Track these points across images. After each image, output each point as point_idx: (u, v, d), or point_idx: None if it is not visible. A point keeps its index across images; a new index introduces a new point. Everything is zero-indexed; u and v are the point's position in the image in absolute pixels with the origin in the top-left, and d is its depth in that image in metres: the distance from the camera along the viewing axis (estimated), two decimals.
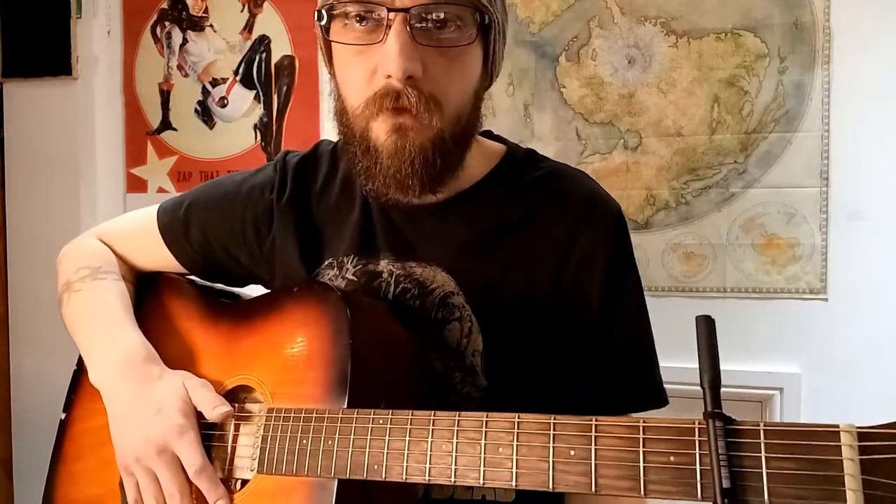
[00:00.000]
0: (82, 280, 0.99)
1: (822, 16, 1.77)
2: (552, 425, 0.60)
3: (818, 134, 1.78)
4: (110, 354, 0.90)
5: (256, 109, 2.19)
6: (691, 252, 1.87)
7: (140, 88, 2.27)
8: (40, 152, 2.23)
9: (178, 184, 2.24)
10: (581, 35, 1.94)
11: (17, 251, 2.27)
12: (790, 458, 0.50)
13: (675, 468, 0.54)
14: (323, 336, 0.80)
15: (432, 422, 0.68)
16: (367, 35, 0.76)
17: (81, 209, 2.22)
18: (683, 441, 0.54)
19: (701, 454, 0.53)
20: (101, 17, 2.25)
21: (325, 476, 0.73)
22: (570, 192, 0.89)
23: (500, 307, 0.85)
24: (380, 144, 0.78)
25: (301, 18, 2.14)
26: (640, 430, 0.56)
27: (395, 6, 0.74)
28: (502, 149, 0.93)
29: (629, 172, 1.91)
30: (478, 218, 0.87)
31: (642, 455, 0.55)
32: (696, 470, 0.53)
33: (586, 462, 0.58)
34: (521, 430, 0.62)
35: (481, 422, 0.64)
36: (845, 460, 0.48)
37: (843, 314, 1.80)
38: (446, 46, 0.76)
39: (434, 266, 0.86)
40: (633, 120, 1.91)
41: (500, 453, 0.62)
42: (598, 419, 0.59)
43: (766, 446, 0.51)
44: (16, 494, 2.25)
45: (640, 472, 0.55)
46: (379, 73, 0.76)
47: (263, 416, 0.81)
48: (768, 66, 1.81)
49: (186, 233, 0.98)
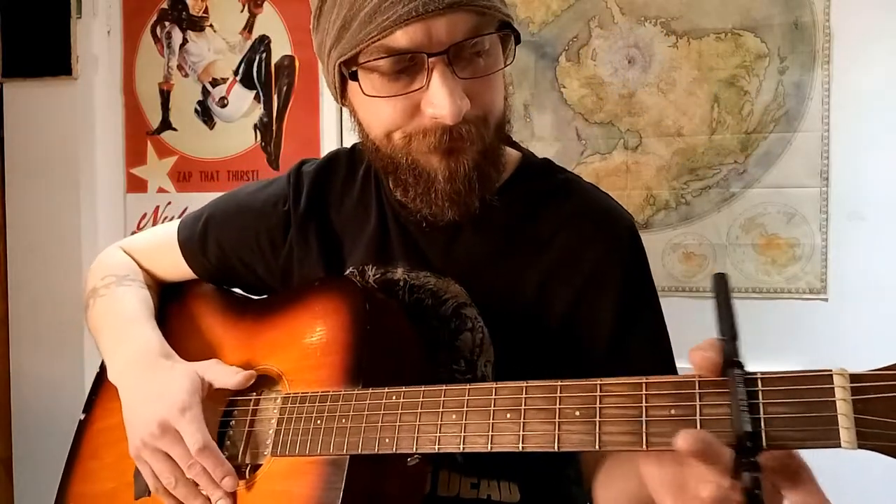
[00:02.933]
0: (107, 287, 1.01)
1: (822, 16, 1.77)
2: (558, 388, 0.63)
3: (818, 134, 1.78)
4: (126, 352, 0.92)
5: (256, 109, 2.19)
6: (691, 252, 1.87)
7: (140, 88, 2.27)
8: (40, 152, 2.23)
9: (177, 184, 2.24)
10: (581, 35, 1.94)
11: (17, 251, 2.27)
12: (788, 403, 0.53)
13: (675, 420, 0.56)
14: (341, 325, 0.81)
15: (444, 392, 0.69)
16: (405, 84, 0.75)
17: (81, 209, 2.22)
18: (684, 394, 0.57)
19: (701, 405, 0.56)
20: (101, 17, 2.24)
21: (337, 453, 0.74)
22: (585, 208, 0.89)
23: (512, 319, 0.85)
24: (432, 170, 0.78)
25: (301, 18, 2.14)
26: (642, 387, 0.58)
27: (433, 49, 0.72)
28: (518, 156, 0.93)
29: (629, 172, 1.91)
30: (492, 231, 0.87)
31: (644, 410, 0.57)
32: (697, 420, 0.55)
33: (591, 420, 0.60)
34: (528, 395, 0.64)
35: (491, 389, 0.67)
36: (838, 401, 0.51)
37: (843, 314, 1.80)
38: (486, 75, 0.76)
39: (447, 277, 0.86)
40: (633, 120, 1.91)
41: (507, 419, 0.64)
42: (603, 380, 0.61)
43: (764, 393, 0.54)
44: (16, 494, 2.25)
45: (642, 427, 0.57)
46: (424, 112, 0.75)
47: (279, 402, 0.82)
48: (768, 66, 1.81)
49: (203, 246, 1.00)
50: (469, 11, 0.73)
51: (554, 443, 0.61)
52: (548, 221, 0.88)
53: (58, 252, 2.21)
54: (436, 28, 0.72)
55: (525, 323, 0.85)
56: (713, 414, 0.56)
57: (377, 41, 0.73)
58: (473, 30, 0.74)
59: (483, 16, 0.74)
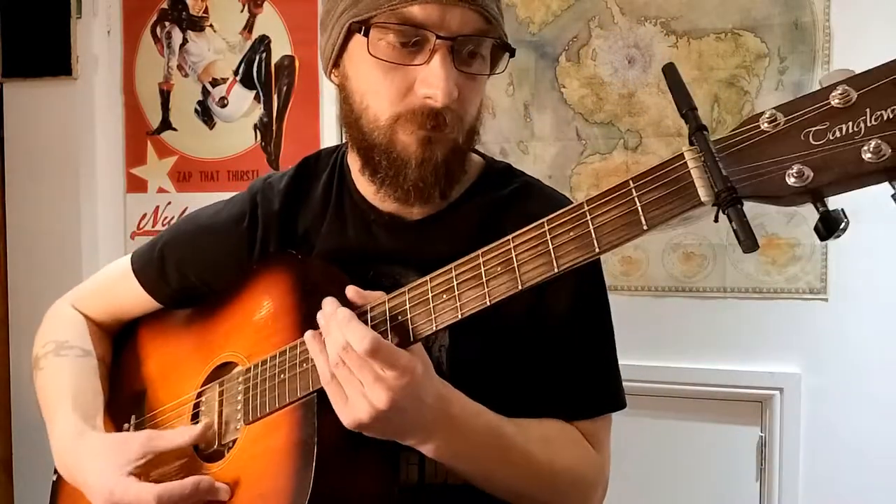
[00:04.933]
0: (45, 357, 1.03)
1: (822, 16, 1.77)
2: (479, 255, 0.71)
3: None
4: (55, 439, 0.95)
5: (256, 109, 2.19)
6: (691, 252, 1.87)
7: (140, 88, 2.27)
8: (40, 152, 2.23)
9: (177, 184, 2.24)
10: (581, 35, 1.94)
11: (17, 251, 2.27)
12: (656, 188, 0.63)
13: (576, 238, 0.67)
14: (285, 291, 0.86)
15: (388, 301, 0.75)
16: (408, 54, 0.80)
17: (81, 209, 2.22)
18: (576, 216, 0.67)
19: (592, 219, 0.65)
20: (101, 17, 2.25)
21: (304, 393, 0.77)
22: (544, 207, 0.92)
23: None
24: (406, 155, 0.82)
25: (301, 18, 2.14)
26: (544, 225, 0.68)
27: (443, 33, 0.78)
28: (481, 162, 0.97)
29: (629, 172, 1.89)
30: (455, 234, 0.89)
31: (550, 241, 0.67)
32: (591, 231, 0.65)
33: (511, 268, 0.69)
34: (456, 271, 0.72)
35: (425, 282, 0.74)
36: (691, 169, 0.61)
37: (843, 314, 1.80)
38: (477, 75, 0.83)
39: (407, 269, 0.88)
40: (633, 120, 1.91)
41: (444, 299, 0.72)
42: (513, 235, 0.70)
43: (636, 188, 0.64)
44: (16, 494, 2.25)
45: (551, 255, 0.67)
46: (417, 91, 0.80)
47: (242, 377, 0.86)
48: (768, 66, 1.81)
49: (162, 272, 1.00)
50: (481, 14, 0.79)
51: (486, 298, 0.70)
52: (510, 222, 0.89)
53: (58, 252, 2.21)
54: (450, 15, 0.78)
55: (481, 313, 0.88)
56: (604, 220, 0.65)
57: (396, 8, 0.78)
58: (480, 31, 0.80)
59: (489, 24, 0.81)
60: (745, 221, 0.58)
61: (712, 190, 0.60)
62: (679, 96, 0.64)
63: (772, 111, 0.58)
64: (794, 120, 0.57)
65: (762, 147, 0.58)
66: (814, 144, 0.56)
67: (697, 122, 0.62)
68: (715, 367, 1.85)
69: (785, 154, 0.57)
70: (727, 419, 1.87)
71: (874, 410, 1.78)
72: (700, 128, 0.61)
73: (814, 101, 0.57)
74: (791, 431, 1.82)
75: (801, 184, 0.56)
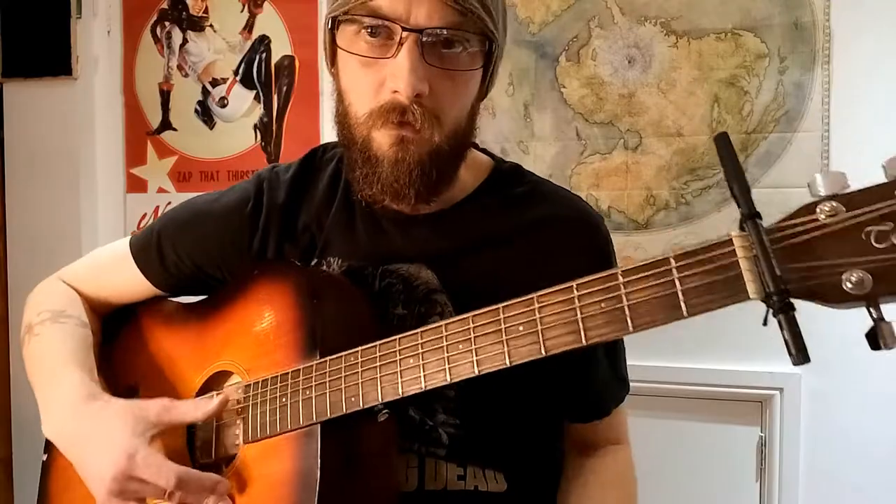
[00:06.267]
0: (41, 324, 1.00)
1: (822, 16, 1.77)
2: (500, 310, 0.68)
3: (818, 134, 1.78)
4: (55, 402, 0.90)
5: (256, 109, 2.19)
6: None
7: (140, 88, 2.27)
8: (40, 152, 2.23)
9: (178, 184, 2.24)
10: (581, 35, 1.94)
11: (17, 251, 2.27)
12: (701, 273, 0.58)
13: (605, 312, 0.62)
14: (288, 304, 0.83)
15: (398, 342, 0.73)
16: (377, 48, 0.79)
17: (81, 209, 2.22)
18: (609, 288, 0.62)
19: (627, 293, 0.61)
20: (101, 17, 2.25)
21: (308, 423, 0.76)
22: (557, 208, 0.93)
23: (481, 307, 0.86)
24: (381, 154, 0.81)
25: (301, 18, 2.14)
26: (573, 290, 0.64)
27: (410, 25, 0.76)
28: (490, 163, 0.97)
29: (629, 172, 1.91)
30: (466, 230, 0.89)
31: (579, 311, 0.64)
32: (625, 307, 0.61)
33: (534, 331, 0.66)
34: (475, 323, 0.69)
35: (441, 328, 0.71)
36: (741, 259, 0.56)
37: (843, 314, 1.80)
38: (453, 70, 0.80)
39: (419, 264, 0.88)
40: (633, 120, 1.91)
41: (460, 349, 0.69)
42: (539, 294, 0.67)
43: (678, 269, 0.59)
44: (16, 494, 2.25)
45: (579, 326, 0.63)
46: (386, 86, 0.79)
47: (241, 392, 0.84)
48: (768, 66, 1.81)
49: (161, 256, 0.98)
50: (453, 6, 0.77)
51: (505, 358, 0.66)
52: (521, 220, 0.91)
53: (58, 252, 2.21)
54: (416, 6, 0.76)
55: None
56: (640, 297, 0.61)
57: (365, 1, 0.78)
58: (451, 24, 0.78)
59: (464, 17, 0.78)
60: (797, 332, 0.54)
61: (763, 289, 0.55)
62: (730, 171, 0.58)
63: (832, 203, 0.53)
64: (855, 217, 0.52)
65: (819, 244, 0.54)
66: (876, 248, 0.51)
67: (750, 206, 0.56)
68: (715, 367, 1.85)
69: (843, 256, 0.52)
70: (727, 419, 1.87)
71: (874, 410, 1.78)
72: (753, 215, 0.56)
73: (879, 196, 0.53)
74: (791, 431, 1.82)
75: (858, 291, 0.52)
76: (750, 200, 0.56)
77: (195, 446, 0.90)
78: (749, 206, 0.56)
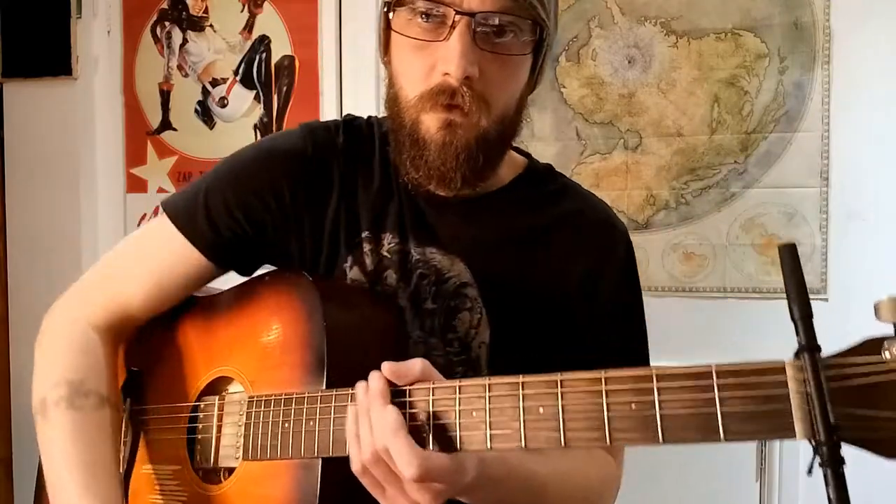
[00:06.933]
0: (57, 405, 0.89)
1: (822, 16, 1.77)
2: (521, 385, 0.63)
3: (818, 134, 1.78)
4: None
5: (256, 109, 2.19)
6: (691, 252, 1.87)
7: (140, 88, 2.27)
8: (40, 152, 2.23)
9: (177, 184, 2.24)
10: (581, 35, 1.94)
11: (17, 251, 2.27)
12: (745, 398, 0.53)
13: (636, 416, 0.57)
14: (297, 320, 0.82)
15: (408, 393, 0.69)
16: (430, 31, 0.80)
17: (81, 209, 2.22)
18: (642, 389, 0.57)
19: (660, 400, 0.56)
20: (101, 17, 2.24)
21: (308, 456, 0.75)
22: (585, 212, 0.96)
23: (510, 303, 0.88)
24: (429, 137, 0.82)
25: (301, 18, 2.14)
26: (601, 382, 0.59)
27: (463, 8, 0.78)
28: (524, 161, 0.99)
29: (629, 172, 1.91)
30: (500, 219, 0.91)
31: (605, 406, 0.58)
32: (656, 415, 0.56)
33: (555, 418, 0.60)
34: (491, 392, 0.64)
35: (454, 388, 0.66)
36: (792, 394, 0.51)
37: (843, 314, 1.80)
38: (504, 54, 0.81)
39: (453, 255, 0.88)
40: (633, 120, 1.91)
41: (473, 417, 0.64)
42: (563, 375, 0.61)
43: (720, 386, 0.54)
44: (16, 494, 2.25)
45: (604, 423, 0.57)
46: (437, 69, 0.80)
47: (245, 405, 0.83)
48: (768, 66, 1.81)
49: (210, 219, 0.90)
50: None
51: (521, 441, 0.61)
52: (553, 219, 0.93)
53: (58, 252, 2.21)
54: None
55: (523, 308, 0.89)
56: (673, 409, 0.56)
57: None
58: (503, 8, 0.79)
59: (516, 2, 0.79)
60: (845, 496, 0.48)
61: (813, 434, 0.50)
62: (793, 291, 0.54)
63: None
64: None
65: (882, 390, 0.48)
66: None
67: (810, 335, 0.52)
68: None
69: None
70: None
71: None
72: (813, 347, 0.51)
73: None
74: None
75: None
76: (811, 328, 0.51)
77: (194, 449, 0.90)
78: (809, 337, 0.51)
